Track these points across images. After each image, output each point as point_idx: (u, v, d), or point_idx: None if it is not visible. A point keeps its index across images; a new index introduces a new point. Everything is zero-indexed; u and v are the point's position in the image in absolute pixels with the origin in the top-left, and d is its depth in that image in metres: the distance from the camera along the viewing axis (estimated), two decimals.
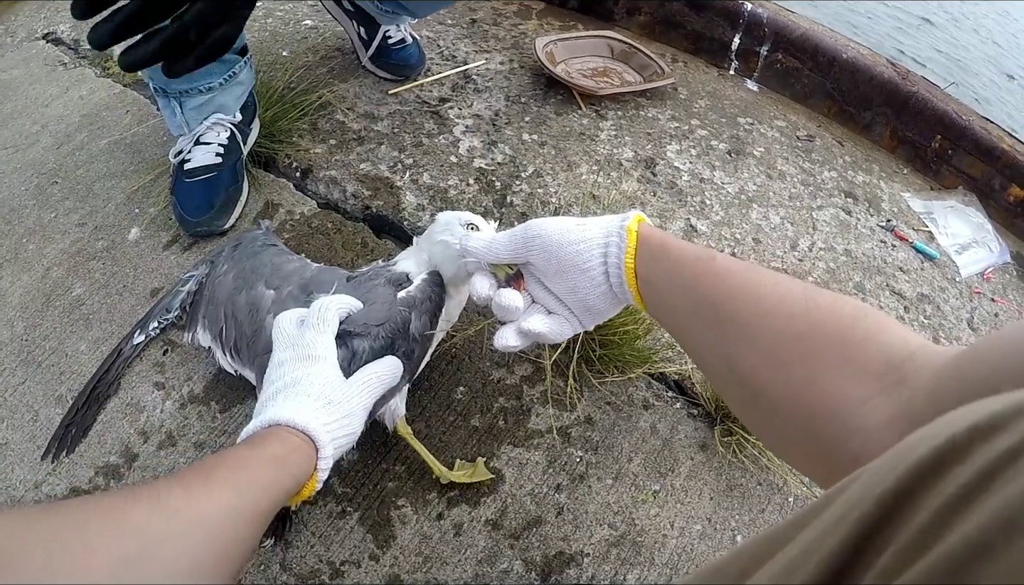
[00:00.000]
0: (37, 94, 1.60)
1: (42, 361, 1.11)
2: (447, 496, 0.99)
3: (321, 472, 0.74)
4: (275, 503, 0.65)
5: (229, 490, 0.60)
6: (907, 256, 1.53)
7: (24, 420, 1.05)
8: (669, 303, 0.72)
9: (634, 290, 0.75)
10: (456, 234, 0.90)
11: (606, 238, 0.76)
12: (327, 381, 0.80)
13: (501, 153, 1.48)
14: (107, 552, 0.47)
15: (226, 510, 0.58)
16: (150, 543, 0.50)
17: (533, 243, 0.79)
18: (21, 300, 1.19)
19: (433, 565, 0.93)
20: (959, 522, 0.26)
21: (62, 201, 1.34)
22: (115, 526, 0.49)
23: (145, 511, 0.52)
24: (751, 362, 0.61)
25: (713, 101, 1.80)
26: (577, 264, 0.77)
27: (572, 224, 0.78)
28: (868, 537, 0.29)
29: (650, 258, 0.73)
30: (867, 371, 0.53)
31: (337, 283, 0.97)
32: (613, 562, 0.96)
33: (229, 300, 1.02)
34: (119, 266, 1.23)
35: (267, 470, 0.66)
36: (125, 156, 1.42)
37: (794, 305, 0.59)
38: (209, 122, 1.26)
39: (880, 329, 0.55)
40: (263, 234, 1.10)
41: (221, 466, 0.63)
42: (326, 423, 0.75)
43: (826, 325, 0.56)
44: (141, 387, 1.08)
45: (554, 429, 1.07)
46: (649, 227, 0.76)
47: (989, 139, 1.73)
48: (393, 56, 1.60)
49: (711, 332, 0.65)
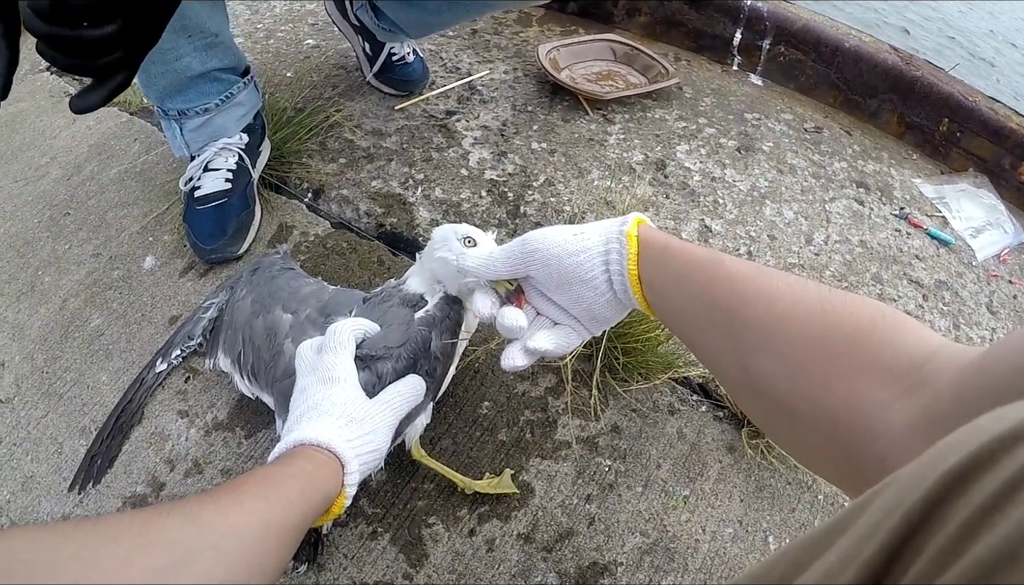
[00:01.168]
0: (44, 126, 1.61)
1: (64, 393, 1.11)
2: (478, 512, 0.99)
3: (348, 488, 0.74)
4: (304, 518, 0.65)
5: (259, 503, 0.60)
6: (922, 243, 1.52)
7: (48, 453, 1.05)
8: (678, 308, 0.71)
9: (639, 296, 0.73)
10: (454, 249, 0.89)
11: (606, 245, 0.74)
12: (348, 400, 0.80)
13: (511, 163, 1.48)
14: (141, 564, 0.47)
15: (257, 523, 0.58)
16: (184, 555, 0.50)
17: (532, 258, 0.78)
18: (40, 332, 1.19)
19: (467, 582, 0.92)
20: (986, 530, 0.26)
21: (76, 232, 1.35)
22: (148, 539, 0.50)
23: (178, 524, 0.53)
24: (768, 367, 0.59)
25: (719, 98, 1.79)
26: (579, 275, 0.75)
27: (570, 234, 0.77)
28: (902, 545, 0.30)
29: (654, 263, 0.72)
30: (888, 373, 0.52)
31: (355, 306, 0.97)
32: (647, 570, 0.95)
33: (247, 324, 1.02)
34: (136, 295, 1.23)
35: (295, 484, 0.67)
36: (136, 185, 1.43)
37: (810, 308, 0.58)
38: (216, 147, 1.26)
39: (900, 329, 0.54)
40: (280, 258, 1.11)
41: (249, 482, 0.64)
42: (349, 440, 0.76)
43: (844, 327, 0.55)
44: (165, 416, 1.08)
45: (581, 439, 1.07)
46: (650, 229, 0.74)
47: (996, 119, 1.72)
48: (397, 71, 1.60)
49: (725, 338, 0.64)
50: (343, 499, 0.74)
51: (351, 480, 0.74)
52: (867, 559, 0.30)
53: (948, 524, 0.28)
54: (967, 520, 0.27)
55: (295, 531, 0.63)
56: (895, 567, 0.30)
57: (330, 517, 0.74)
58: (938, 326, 1.33)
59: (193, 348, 1.11)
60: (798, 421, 0.58)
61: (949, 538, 0.27)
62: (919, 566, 0.28)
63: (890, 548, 0.30)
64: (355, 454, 0.75)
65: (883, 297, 1.35)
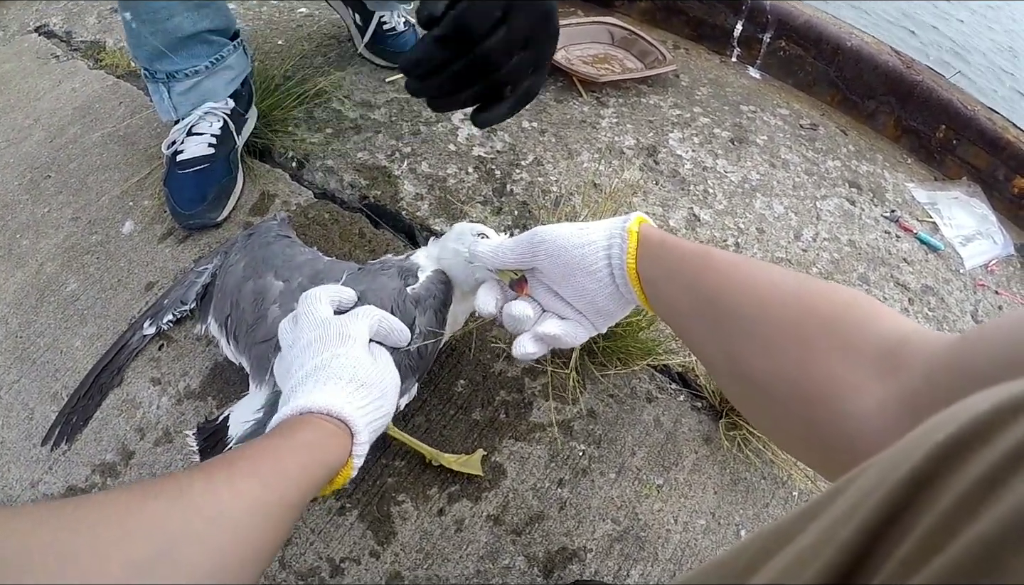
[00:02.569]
0: (29, 87, 1.58)
1: (37, 358, 1.09)
2: (448, 491, 0.97)
3: (357, 459, 0.70)
4: (304, 495, 0.62)
5: (254, 482, 0.57)
6: (911, 247, 1.51)
7: (20, 418, 1.03)
8: (671, 300, 0.73)
9: (637, 289, 0.76)
10: (466, 242, 0.91)
11: (609, 239, 0.77)
12: (358, 362, 0.77)
13: (500, 141, 1.46)
14: (120, 558, 0.44)
15: (251, 504, 0.55)
16: (167, 545, 0.47)
17: (539, 248, 0.80)
18: (15, 296, 1.17)
19: (434, 561, 0.91)
20: (987, 506, 0.24)
21: (55, 195, 1.33)
22: (130, 527, 0.47)
23: (163, 508, 0.49)
24: (748, 352, 0.61)
25: (715, 89, 1.77)
26: (583, 267, 0.78)
27: (576, 228, 0.80)
28: (885, 526, 0.28)
29: (650, 257, 0.74)
30: (862, 356, 0.53)
31: (347, 273, 0.96)
32: (616, 558, 0.95)
33: (237, 288, 1.01)
34: (113, 260, 1.21)
35: (296, 459, 0.63)
36: (119, 148, 1.41)
37: (787, 292, 0.60)
38: (201, 111, 1.24)
39: (875, 315, 0.55)
40: (277, 225, 1.10)
41: (246, 456, 0.60)
42: (360, 406, 0.72)
43: (820, 311, 0.57)
44: (137, 383, 1.06)
45: (556, 422, 1.06)
46: (650, 227, 0.77)
47: (994, 130, 1.71)
48: (389, 43, 1.58)
49: (711, 327, 0.66)
50: (349, 470, 0.70)
51: (360, 451, 0.71)
52: (843, 542, 0.29)
53: (940, 501, 0.26)
54: (962, 496, 0.26)
55: (294, 510, 0.60)
56: (876, 549, 0.28)
57: (334, 487, 0.70)
58: None
59: (185, 312, 1.10)
60: (776, 403, 0.59)
61: (943, 515, 0.26)
62: (906, 547, 0.26)
63: (870, 530, 0.28)
64: (366, 423, 0.72)
65: None
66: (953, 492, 0.26)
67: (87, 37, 1.72)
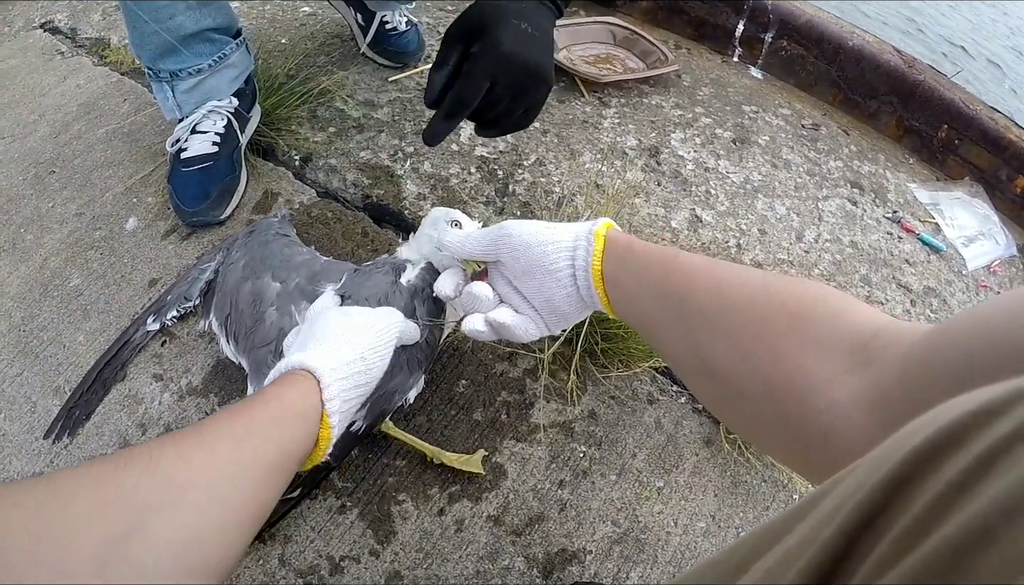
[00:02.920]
0: (34, 83, 1.59)
1: (39, 352, 1.10)
2: (448, 491, 0.98)
3: (332, 415, 0.70)
4: (283, 452, 0.61)
5: (226, 443, 0.56)
6: (913, 248, 1.51)
7: (22, 411, 1.04)
8: (637, 303, 0.73)
9: (601, 292, 0.76)
10: (439, 228, 0.93)
11: (574, 241, 0.78)
12: (347, 328, 0.79)
13: (503, 141, 1.46)
14: (93, 533, 0.44)
15: (224, 466, 0.54)
16: (140, 517, 0.46)
17: (504, 242, 0.81)
18: (19, 290, 1.18)
19: (434, 561, 0.92)
20: (957, 509, 0.25)
21: (60, 191, 1.33)
22: (102, 500, 0.46)
23: (135, 478, 0.48)
24: (719, 350, 0.61)
25: (717, 89, 1.77)
26: (544, 264, 0.78)
27: (543, 227, 0.81)
28: (864, 526, 0.29)
29: (616, 260, 0.75)
30: (833, 350, 0.52)
31: (345, 275, 0.98)
32: (616, 560, 0.95)
33: (236, 288, 1.02)
34: (117, 256, 1.22)
35: (267, 413, 0.63)
36: (123, 145, 1.41)
37: (755, 290, 0.60)
38: (205, 109, 1.24)
39: (844, 308, 0.55)
40: (278, 222, 1.11)
41: (218, 419, 0.60)
42: (329, 360, 0.73)
43: (788, 306, 0.57)
44: (140, 378, 1.07)
45: (557, 424, 1.06)
46: (617, 231, 0.78)
47: (996, 129, 1.71)
48: (392, 43, 1.58)
49: (679, 327, 0.66)
50: (328, 430, 0.69)
51: (333, 407, 0.70)
52: (824, 542, 0.29)
53: (915, 503, 0.27)
54: (935, 498, 0.26)
55: (274, 470, 0.59)
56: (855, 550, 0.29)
57: (318, 455, 0.69)
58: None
59: (189, 309, 1.10)
60: (748, 400, 0.59)
61: (915, 518, 0.27)
62: (881, 548, 0.27)
63: (849, 530, 0.29)
64: (337, 376, 0.72)
65: (871, 299, 1.35)
66: (925, 496, 0.27)
67: (92, 34, 1.72)
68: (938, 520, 0.25)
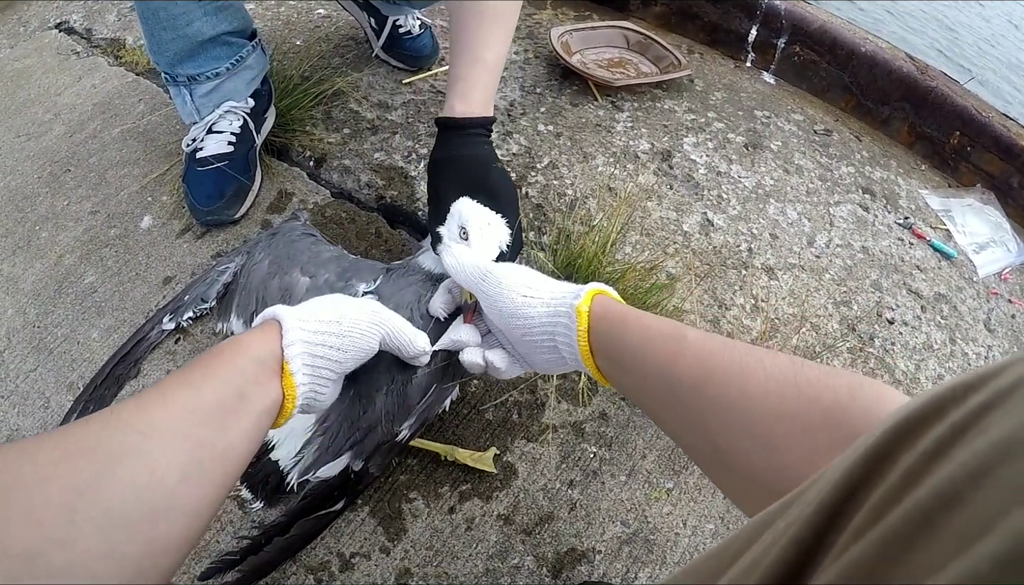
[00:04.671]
0: (50, 83, 1.60)
1: (54, 348, 1.11)
2: (459, 490, 0.98)
3: (292, 362, 0.68)
4: (240, 395, 0.61)
5: (184, 390, 0.57)
6: (924, 254, 1.51)
7: (36, 407, 1.05)
8: (638, 382, 0.69)
9: (592, 368, 0.73)
10: (452, 233, 0.93)
11: (552, 317, 0.75)
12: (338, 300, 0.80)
13: (516, 143, 1.47)
14: (60, 481, 0.45)
15: (182, 411, 0.55)
16: (104, 465, 0.47)
17: (483, 297, 0.82)
18: (34, 287, 1.19)
19: (444, 559, 0.92)
20: (930, 475, 0.26)
21: (75, 189, 1.34)
22: (67, 451, 0.47)
23: (96, 430, 0.50)
24: (741, 446, 0.56)
25: (730, 94, 1.78)
26: (518, 337, 0.79)
27: (518, 294, 0.78)
28: (845, 499, 0.30)
29: (609, 336, 0.71)
30: None
31: (380, 275, 0.99)
32: (625, 560, 0.95)
33: (263, 284, 1.02)
34: (131, 254, 1.23)
35: (220, 358, 0.63)
36: (138, 144, 1.42)
37: (783, 382, 0.55)
38: (222, 110, 1.25)
39: (879, 399, 0.51)
40: (301, 224, 1.12)
41: (177, 372, 0.61)
42: (302, 314, 0.72)
43: (822, 401, 0.52)
44: (152, 375, 1.07)
45: (568, 424, 1.07)
46: (606, 302, 0.74)
47: (1008, 136, 1.70)
48: (406, 46, 1.59)
49: (691, 415, 0.61)
50: (290, 379, 0.68)
51: (290, 344, 0.69)
52: (807, 518, 0.31)
53: (891, 474, 0.28)
54: (911, 467, 0.27)
55: (236, 413, 0.59)
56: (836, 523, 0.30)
57: (285, 415, 0.68)
58: (934, 339, 1.32)
59: (205, 310, 1.11)
60: (777, 495, 0.56)
61: (891, 486, 0.28)
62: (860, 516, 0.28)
63: (831, 505, 0.30)
64: (302, 326, 0.71)
65: (881, 305, 1.35)
66: (901, 466, 0.28)
67: (107, 34, 1.74)
68: (910, 487, 0.26)
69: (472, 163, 1.02)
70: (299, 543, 0.88)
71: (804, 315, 1.27)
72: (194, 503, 0.52)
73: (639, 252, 1.28)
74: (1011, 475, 0.23)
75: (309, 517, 0.88)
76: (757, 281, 1.30)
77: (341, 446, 0.88)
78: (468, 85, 1.04)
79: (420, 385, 0.89)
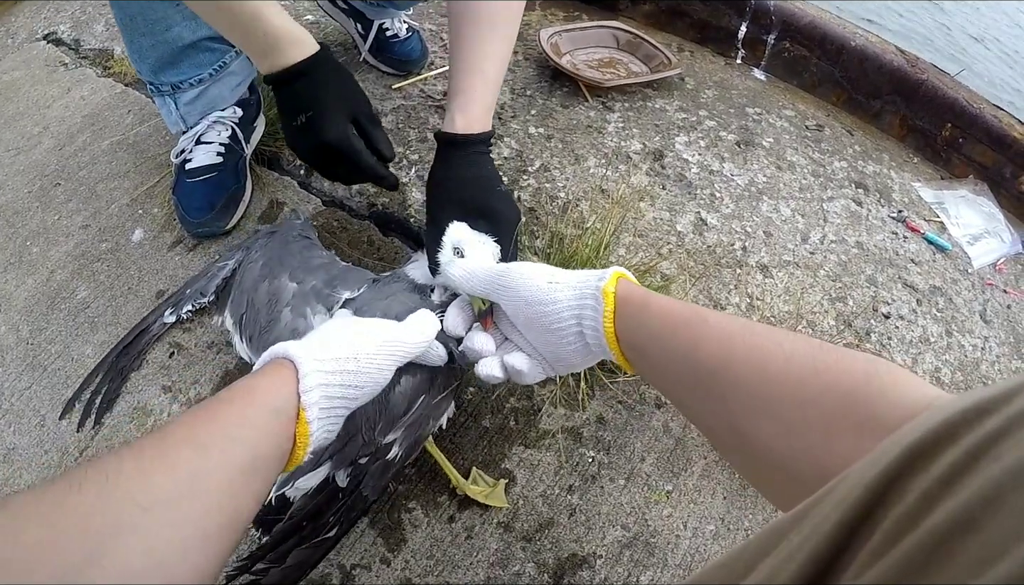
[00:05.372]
0: (39, 95, 1.59)
1: (48, 365, 1.10)
2: (458, 499, 0.98)
3: (309, 410, 0.63)
4: (253, 453, 0.56)
5: (189, 450, 0.51)
6: (919, 247, 1.51)
7: (31, 425, 1.04)
8: (660, 367, 0.69)
9: (617, 352, 0.73)
10: (446, 254, 0.91)
11: (579, 301, 0.74)
12: (340, 325, 0.75)
13: (507, 147, 1.46)
14: (48, 566, 0.41)
15: (187, 477, 0.50)
16: (96, 546, 0.43)
17: (505, 293, 0.79)
18: (26, 303, 1.18)
19: (445, 568, 0.92)
20: (945, 500, 0.27)
21: (65, 203, 1.34)
22: (57, 529, 0.43)
23: (91, 501, 0.45)
24: (762, 429, 0.57)
25: (721, 91, 1.77)
26: (545, 325, 0.76)
27: (543, 281, 0.77)
28: (861, 520, 0.30)
29: (633, 320, 0.71)
30: (887, 429, 0.50)
31: (365, 284, 0.97)
32: (626, 564, 0.95)
33: (253, 287, 1.02)
34: (123, 268, 1.22)
35: (234, 410, 0.57)
36: (128, 157, 1.41)
37: (803, 366, 0.56)
38: (210, 120, 1.25)
39: (895, 383, 0.52)
40: (300, 225, 1.12)
41: (181, 422, 0.55)
42: (318, 354, 0.67)
43: (841, 385, 0.53)
44: (148, 390, 1.07)
45: (565, 429, 1.06)
46: (629, 285, 0.74)
47: (1000, 127, 1.70)
48: (394, 50, 1.58)
49: (713, 399, 0.62)
50: (305, 426, 0.62)
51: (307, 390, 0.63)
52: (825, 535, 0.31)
53: (907, 497, 0.29)
54: (926, 491, 0.28)
55: (246, 473, 0.54)
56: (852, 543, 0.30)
57: (301, 450, 0.62)
58: (931, 332, 1.32)
59: (205, 304, 1.11)
60: (796, 481, 0.56)
61: (907, 510, 0.28)
62: (876, 537, 0.29)
63: (849, 523, 0.30)
64: (320, 368, 0.65)
65: (877, 299, 1.34)
66: (917, 490, 0.28)
67: (95, 45, 1.73)
68: (927, 511, 0.27)
69: (473, 186, 1.01)
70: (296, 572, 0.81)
71: (800, 312, 1.27)
72: (199, 577, 0.49)
73: (633, 254, 1.28)
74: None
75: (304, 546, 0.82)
76: (752, 280, 1.30)
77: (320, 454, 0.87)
78: (468, 99, 1.03)
79: (404, 392, 0.86)
